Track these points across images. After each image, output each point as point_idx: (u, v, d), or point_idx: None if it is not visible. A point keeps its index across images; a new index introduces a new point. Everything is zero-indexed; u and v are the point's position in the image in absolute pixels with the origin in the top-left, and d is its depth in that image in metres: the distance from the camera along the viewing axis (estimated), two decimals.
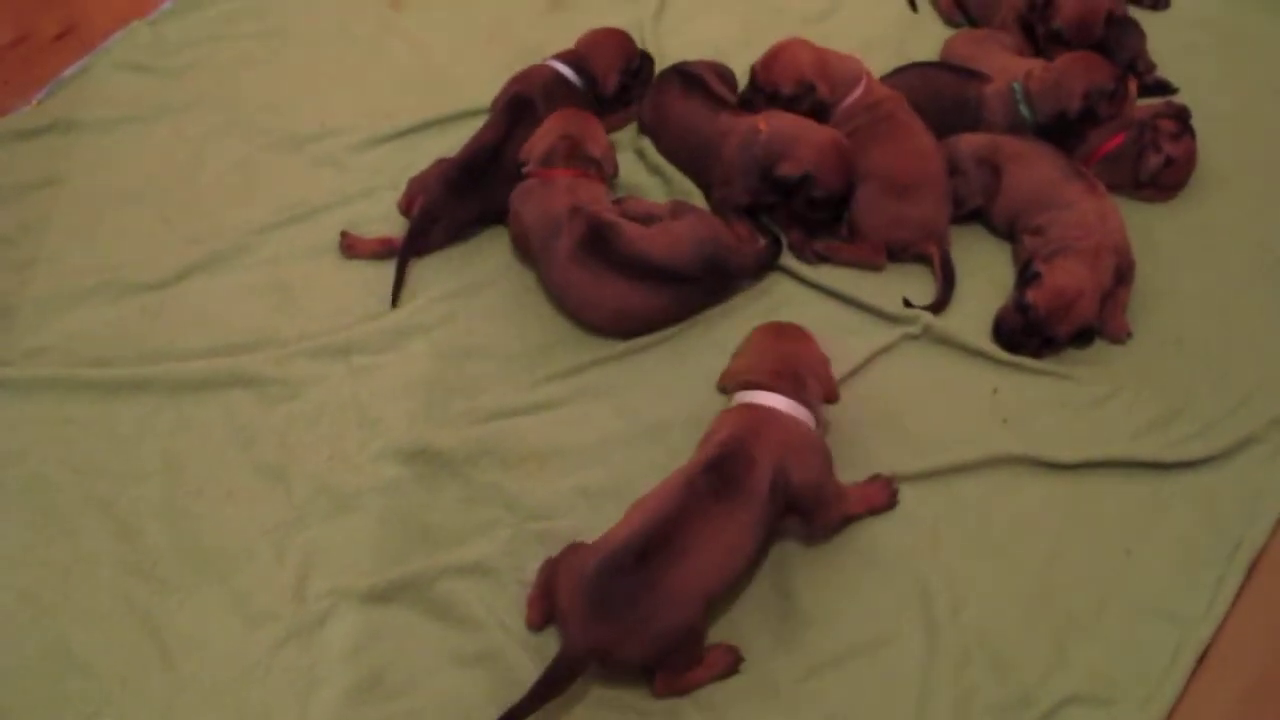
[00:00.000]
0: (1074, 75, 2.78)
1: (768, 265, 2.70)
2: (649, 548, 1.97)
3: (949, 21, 3.38)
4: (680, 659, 2.03)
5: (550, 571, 2.14)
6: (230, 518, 2.34)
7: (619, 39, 3.01)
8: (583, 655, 1.96)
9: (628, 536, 1.99)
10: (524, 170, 2.67)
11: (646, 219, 2.62)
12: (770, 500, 2.08)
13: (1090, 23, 3.03)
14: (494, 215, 2.78)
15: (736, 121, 2.76)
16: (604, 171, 2.70)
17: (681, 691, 2.06)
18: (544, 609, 2.14)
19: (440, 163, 2.82)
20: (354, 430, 2.47)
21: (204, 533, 2.32)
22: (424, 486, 2.38)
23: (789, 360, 2.23)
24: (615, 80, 2.97)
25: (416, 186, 2.80)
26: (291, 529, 2.32)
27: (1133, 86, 2.99)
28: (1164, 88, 3.15)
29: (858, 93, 2.82)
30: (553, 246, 2.56)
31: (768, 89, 2.80)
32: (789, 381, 2.19)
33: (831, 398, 2.26)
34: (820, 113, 2.80)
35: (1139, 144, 2.85)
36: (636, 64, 2.99)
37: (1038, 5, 3.06)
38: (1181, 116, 2.91)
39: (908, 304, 2.65)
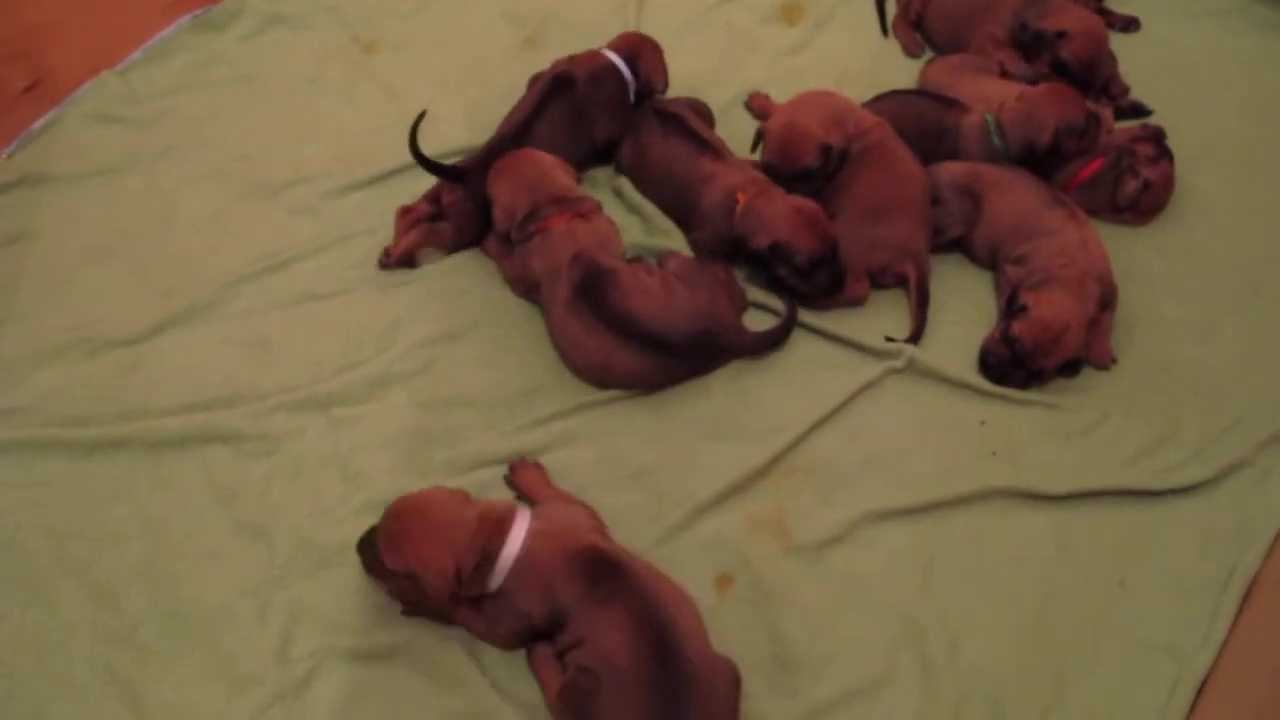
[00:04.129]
0: (1046, 110, 2.78)
1: (774, 345, 2.64)
2: (656, 647, 1.94)
3: (910, 53, 3.37)
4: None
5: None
6: (211, 578, 2.30)
7: (659, 47, 3.04)
8: None
9: (632, 658, 1.94)
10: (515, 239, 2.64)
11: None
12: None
13: (1097, 62, 3.07)
14: None
15: (717, 169, 2.75)
16: (594, 204, 2.67)
17: None
18: None
19: None
20: (335, 484, 2.42)
21: (184, 595, 2.27)
22: None
23: (451, 516, 2.12)
24: (663, 79, 2.99)
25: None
26: (274, 588, 2.28)
27: (1108, 114, 3.00)
28: (1139, 110, 3.15)
29: (850, 126, 2.80)
30: (554, 293, 2.55)
31: (795, 170, 2.73)
32: (498, 523, 2.10)
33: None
34: (841, 163, 2.77)
35: (1116, 169, 2.85)
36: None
37: (1047, 36, 3.06)
38: (1158, 139, 2.92)
39: (889, 340, 2.63)
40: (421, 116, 2.73)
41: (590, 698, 1.96)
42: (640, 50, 2.97)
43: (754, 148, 2.85)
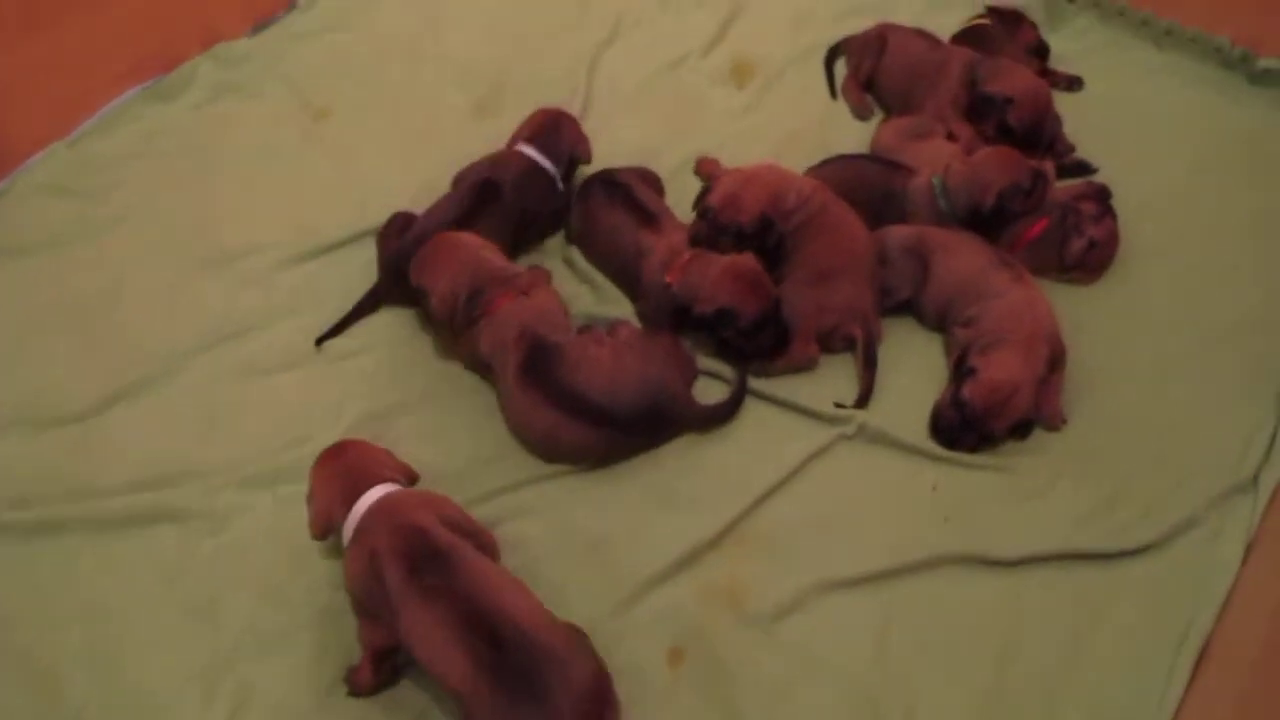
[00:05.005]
0: (990, 172, 2.80)
1: (724, 419, 2.61)
2: (488, 634, 1.94)
3: (860, 115, 3.39)
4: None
5: None
6: (155, 662, 2.26)
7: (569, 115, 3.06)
8: None
9: (466, 657, 1.94)
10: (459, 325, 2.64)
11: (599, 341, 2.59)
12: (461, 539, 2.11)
13: (1041, 126, 3.12)
14: None
15: (656, 243, 2.74)
16: (542, 277, 2.68)
17: None
18: None
19: (399, 220, 2.88)
20: (283, 563, 2.39)
21: (129, 680, 2.23)
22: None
23: (353, 465, 2.25)
24: (586, 149, 3.00)
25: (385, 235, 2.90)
26: (221, 670, 2.24)
27: (1050, 169, 3.04)
28: (1083, 168, 3.19)
29: (790, 201, 2.80)
30: (503, 369, 2.54)
31: (731, 228, 2.72)
32: (370, 477, 2.21)
33: (412, 476, 2.36)
34: (780, 241, 2.77)
35: (1062, 228, 2.88)
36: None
37: (996, 100, 3.09)
38: (1101, 197, 2.95)
39: (839, 406, 2.63)
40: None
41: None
42: (557, 129, 2.98)
43: (696, 204, 2.83)
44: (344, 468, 2.23)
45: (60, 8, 3.48)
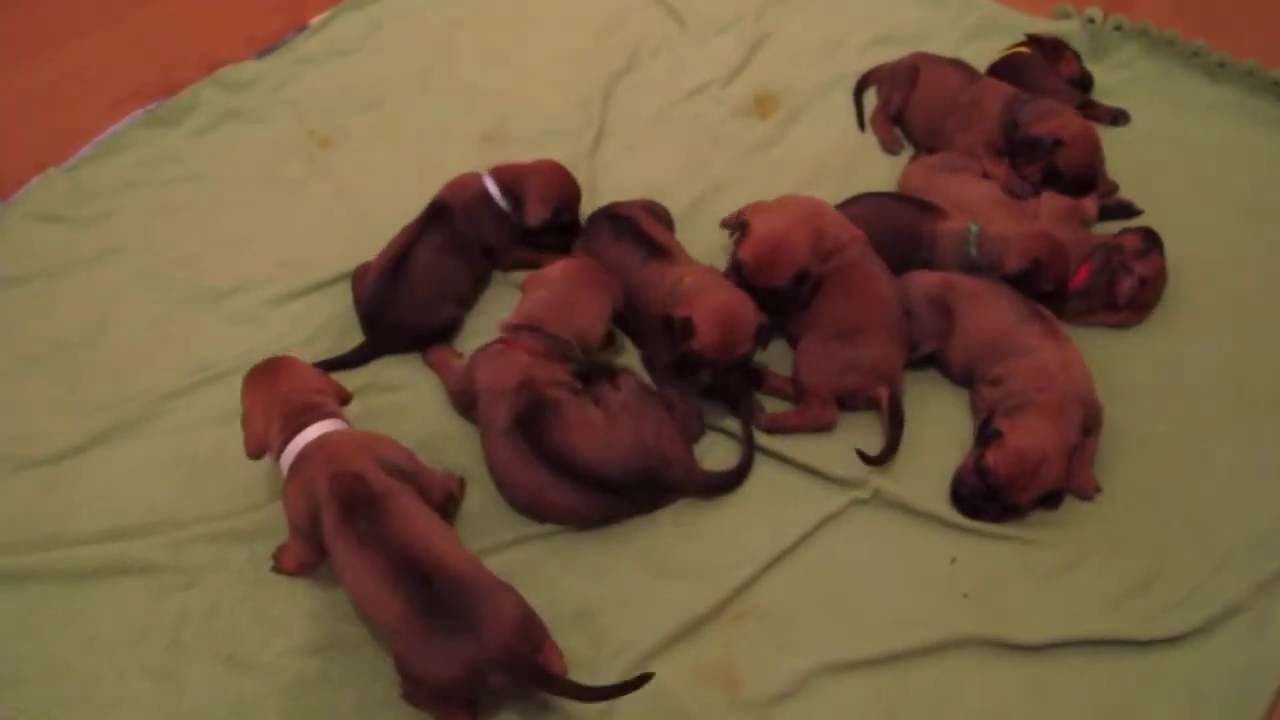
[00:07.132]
0: (1024, 252, 2.62)
1: (727, 488, 2.44)
2: (419, 575, 1.98)
3: (888, 149, 3.22)
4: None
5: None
6: None
7: (564, 177, 2.84)
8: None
9: (399, 598, 1.97)
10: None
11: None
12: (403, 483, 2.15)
13: (1093, 169, 2.94)
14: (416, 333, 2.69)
15: (665, 273, 2.56)
16: (572, 351, 2.49)
17: None
18: None
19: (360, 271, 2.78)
20: (254, 625, 2.26)
21: None
22: (331, 686, 2.18)
23: (291, 395, 2.24)
24: (542, 212, 2.79)
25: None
26: None
27: (1090, 205, 2.85)
28: (1127, 210, 2.99)
29: (827, 244, 2.61)
30: (493, 416, 2.39)
31: (766, 288, 2.53)
32: (310, 410, 2.22)
33: (344, 396, 2.36)
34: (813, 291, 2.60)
35: (1107, 270, 2.69)
36: (569, 216, 2.82)
37: (1045, 143, 2.91)
38: (1145, 232, 2.76)
39: (862, 456, 2.44)
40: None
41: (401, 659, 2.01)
42: (527, 176, 2.81)
43: (734, 236, 2.65)
44: (281, 396, 2.23)
45: (62, 32, 3.39)
